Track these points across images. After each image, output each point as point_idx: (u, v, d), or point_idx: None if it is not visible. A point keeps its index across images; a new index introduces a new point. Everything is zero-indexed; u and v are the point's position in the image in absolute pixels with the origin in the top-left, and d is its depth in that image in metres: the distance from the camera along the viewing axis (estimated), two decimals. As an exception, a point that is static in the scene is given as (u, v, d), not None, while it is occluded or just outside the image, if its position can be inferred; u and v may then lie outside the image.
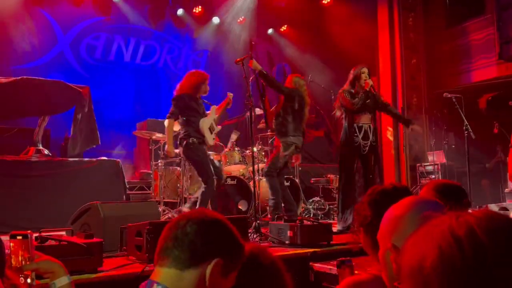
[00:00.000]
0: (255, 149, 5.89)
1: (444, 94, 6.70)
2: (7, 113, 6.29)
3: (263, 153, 6.76)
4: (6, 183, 5.14)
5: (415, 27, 10.05)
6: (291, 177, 6.70)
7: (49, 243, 2.60)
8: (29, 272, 1.37)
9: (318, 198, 7.18)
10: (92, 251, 2.71)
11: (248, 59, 5.05)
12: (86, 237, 2.82)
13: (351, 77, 5.18)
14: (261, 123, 5.94)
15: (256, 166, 5.40)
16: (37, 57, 9.20)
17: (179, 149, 5.22)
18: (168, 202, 6.64)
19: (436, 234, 0.69)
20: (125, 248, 3.45)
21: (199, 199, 4.98)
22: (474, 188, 6.92)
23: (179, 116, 5.16)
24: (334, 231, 4.33)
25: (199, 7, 10.59)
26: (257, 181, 5.59)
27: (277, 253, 3.44)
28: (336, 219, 5.33)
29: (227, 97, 5.55)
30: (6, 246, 1.36)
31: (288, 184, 6.46)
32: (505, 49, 8.30)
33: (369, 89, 5.01)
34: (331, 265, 3.24)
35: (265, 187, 6.41)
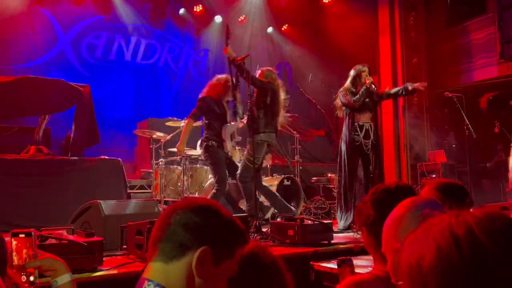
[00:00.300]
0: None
1: (445, 93, 6.70)
2: (8, 112, 6.28)
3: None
4: (6, 182, 5.13)
5: (416, 26, 10.05)
6: (292, 176, 6.70)
7: (50, 241, 2.60)
8: (32, 270, 1.37)
9: (318, 197, 7.18)
10: (92, 250, 2.71)
11: (234, 58, 4.93)
12: (86, 235, 2.82)
13: (351, 75, 5.19)
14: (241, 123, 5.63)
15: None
16: (38, 56, 9.20)
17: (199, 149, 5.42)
18: (168, 201, 6.64)
19: (435, 232, 0.69)
20: (126, 246, 3.45)
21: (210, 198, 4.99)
22: (474, 187, 6.92)
23: (200, 117, 5.40)
24: (334, 230, 4.33)
25: (200, 6, 10.58)
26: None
27: (278, 252, 3.44)
28: (336, 218, 5.32)
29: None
30: (7, 244, 1.36)
31: (288, 183, 6.46)
32: (506, 48, 8.29)
33: (370, 86, 5.01)
34: (332, 264, 3.24)
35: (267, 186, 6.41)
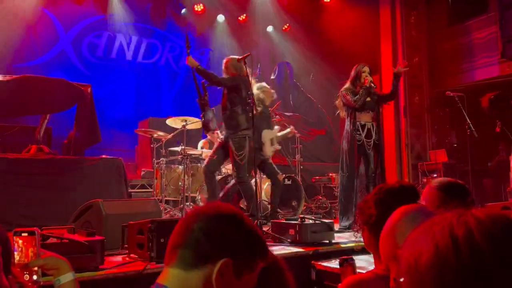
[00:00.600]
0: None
1: (446, 92, 6.69)
2: (9, 111, 6.28)
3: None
4: (7, 181, 5.14)
5: (417, 25, 10.03)
6: (293, 175, 6.69)
7: (51, 241, 2.60)
8: (35, 268, 1.36)
9: (319, 196, 7.18)
10: (94, 249, 2.71)
11: (195, 68, 4.95)
12: (88, 235, 2.82)
13: (352, 75, 5.19)
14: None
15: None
16: (39, 56, 9.21)
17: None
18: (169, 200, 6.64)
19: (435, 232, 0.68)
20: (127, 246, 3.45)
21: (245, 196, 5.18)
22: (476, 187, 6.91)
23: None
24: (335, 229, 4.33)
25: (201, 5, 10.58)
26: (258, 180, 5.59)
27: (279, 251, 3.44)
28: (337, 217, 5.32)
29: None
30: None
31: (289, 182, 6.45)
32: (507, 48, 8.28)
33: (369, 85, 5.01)
34: (333, 264, 3.24)
35: (267, 185, 6.41)
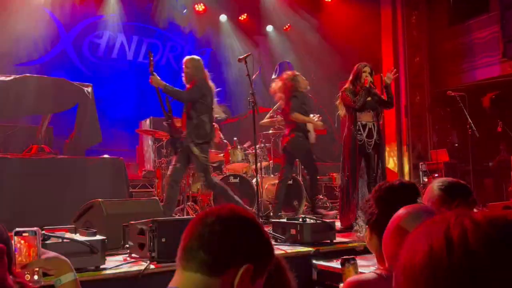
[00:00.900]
0: (258, 147, 5.87)
1: (447, 92, 6.68)
2: (10, 111, 6.28)
3: (266, 151, 6.75)
4: (9, 181, 5.14)
5: (418, 25, 10.02)
6: (294, 175, 6.68)
7: (52, 240, 2.60)
8: (36, 268, 1.36)
9: (320, 196, 7.17)
10: (95, 249, 2.71)
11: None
12: (89, 234, 2.82)
13: (352, 75, 5.17)
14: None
15: (259, 164, 5.39)
16: (40, 55, 9.22)
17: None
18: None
19: (431, 232, 0.67)
20: (128, 246, 3.45)
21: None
22: (477, 186, 6.90)
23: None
24: (337, 229, 4.32)
25: (202, 5, 10.58)
26: (260, 179, 5.58)
27: (280, 251, 3.43)
28: (338, 217, 5.31)
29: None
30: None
31: (290, 182, 6.45)
32: (509, 47, 8.27)
33: (369, 86, 5.00)
34: (334, 264, 3.23)
35: (268, 185, 6.41)
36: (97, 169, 5.62)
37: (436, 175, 8.49)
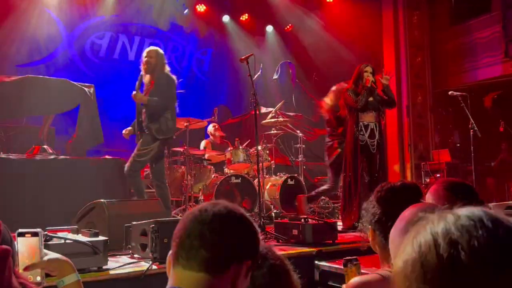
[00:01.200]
0: (260, 148, 5.86)
1: (449, 92, 6.67)
2: (12, 112, 6.29)
3: (268, 152, 6.74)
4: (11, 182, 5.14)
5: (420, 25, 10.01)
6: (296, 175, 6.67)
7: (54, 241, 2.60)
8: (38, 270, 1.36)
9: (322, 196, 7.15)
10: (97, 250, 2.71)
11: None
12: (91, 235, 2.82)
13: (354, 76, 5.18)
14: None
15: (260, 164, 5.38)
16: (42, 56, 9.22)
17: None
18: (172, 200, 6.63)
19: (421, 232, 0.70)
20: (130, 246, 3.45)
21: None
22: (479, 187, 6.88)
23: None
24: (339, 229, 4.32)
25: (203, 5, 10.58)
26: (261, 180, 5.57)
27: (282, 251, 3.43)
28: (340, 217, 5.31)
29: None
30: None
31: (292, 182, 6.44)
32: (510, 47, 8.27)
33: (370, 86, 5.00)
34: (336, 264, 3.23)
35: (270, 185, 6.40)
36: (99, 170, 5.63)
37: (438, 175, 8.48)
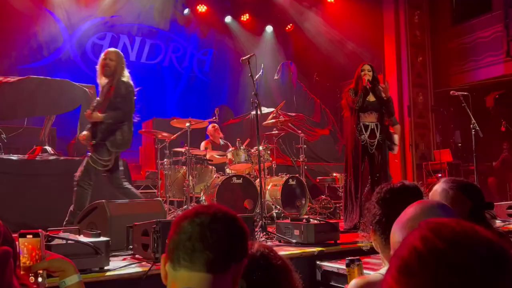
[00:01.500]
0: (261, 148, 5.86)
1: (451, 92, 6.66)
2: (14, 112, 6.30)
3: (269, 152, 6.74)
4: (12, 182, 5.15)
5: (421, 24, 10.01)
6: (297, 176, 6.66)
7: (56, 242, 2.60)
8: (40, 271, 1.36)
9: (324, 196, 7.16)
10: (99, 250, 2.71)
11: None
12: (93, 236, 2.82)
13: (355, 75, 5.17)
14: None
15: (262, 165, 5.38)
16: (43, 57, 9.24)
17: None
18: (173, 201, 6.64)
19: (412, 239, 0.73)
20: (132, 247, 3.45)
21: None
22: (481, 186, 6.87)
23: None
24: (340, 230, 4.31)
25: (204, 6, 10.58)
26: (263, 180, 5.57)
27: (284, 252, 3.43)
28: (342, 218, 5.30)
29: None
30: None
31: (294, 183, 6.43)
32: (512, 46, 8.26)
33: (366, 84, 4.99)
34: (338, 264, 3.23)
35: (271, 185, 6.40)
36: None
37: (439, 175, 8.47)
